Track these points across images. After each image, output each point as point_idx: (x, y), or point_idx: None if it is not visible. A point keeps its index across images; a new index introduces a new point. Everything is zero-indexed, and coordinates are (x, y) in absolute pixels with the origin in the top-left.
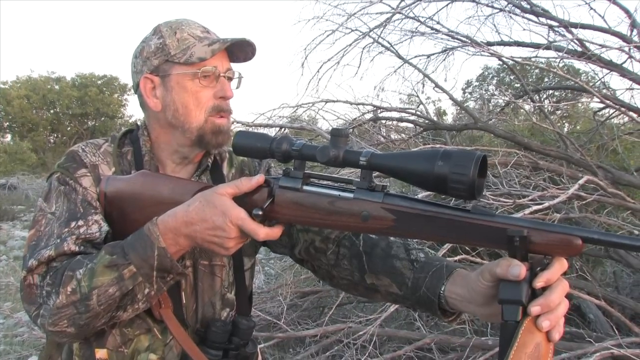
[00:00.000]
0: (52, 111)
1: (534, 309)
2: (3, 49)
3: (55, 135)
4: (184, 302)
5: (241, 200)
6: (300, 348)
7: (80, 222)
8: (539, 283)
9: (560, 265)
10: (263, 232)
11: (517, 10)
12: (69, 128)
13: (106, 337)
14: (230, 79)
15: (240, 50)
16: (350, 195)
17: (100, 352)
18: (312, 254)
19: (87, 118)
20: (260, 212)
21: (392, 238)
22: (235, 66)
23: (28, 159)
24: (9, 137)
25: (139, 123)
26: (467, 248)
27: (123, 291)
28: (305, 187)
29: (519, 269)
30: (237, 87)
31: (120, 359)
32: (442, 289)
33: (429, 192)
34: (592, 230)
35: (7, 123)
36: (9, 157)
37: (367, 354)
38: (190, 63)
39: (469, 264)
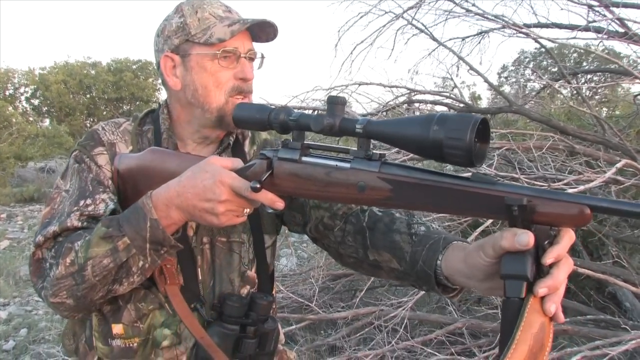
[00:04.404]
0: (88, 96)
1: (541, 290)
2: (41, 35)
3: (92, 120)
4: (200, 278)
5: (241, 176)
6: (331, 330)
7: (89, 201)
8: (549, 260)
9: (568, 237)
10: (262, 193)
11: None
12: (104, 112)
13: (121, 313)
14: (252, 59)
15: (262, 30)
16: (347, 165)
17: (117, 327)
18: (321, 231)
19: (122, 102)
20: (258, 185)
21: (397, 214)
22: (260, 46)
23: (65, 142)
24: (47, 121)
25: (160, 102)
26: None
27: (117, 263)
28: (304, 159)
29: (526, 237)
30: (259, 68)
31: (136, 334)
32: (438, 262)
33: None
34: (600, 199)
35: (46, 108)
36: (48, 141)
37: (398, 337)
38: (210, 44)
39: None
